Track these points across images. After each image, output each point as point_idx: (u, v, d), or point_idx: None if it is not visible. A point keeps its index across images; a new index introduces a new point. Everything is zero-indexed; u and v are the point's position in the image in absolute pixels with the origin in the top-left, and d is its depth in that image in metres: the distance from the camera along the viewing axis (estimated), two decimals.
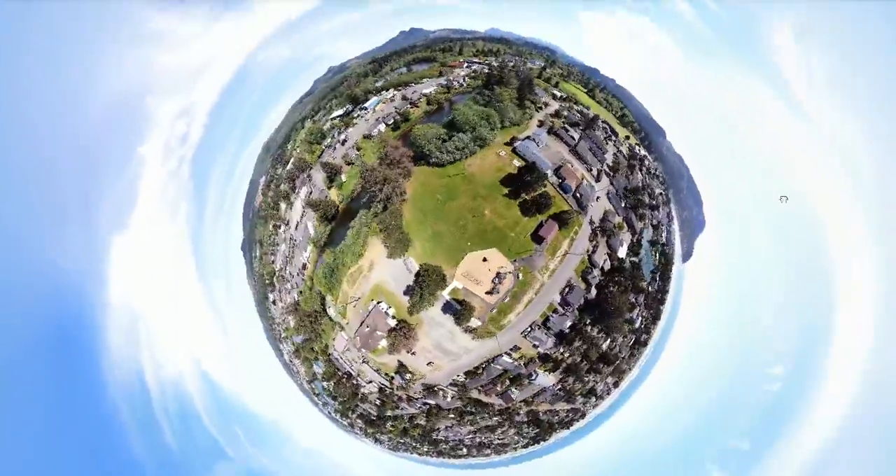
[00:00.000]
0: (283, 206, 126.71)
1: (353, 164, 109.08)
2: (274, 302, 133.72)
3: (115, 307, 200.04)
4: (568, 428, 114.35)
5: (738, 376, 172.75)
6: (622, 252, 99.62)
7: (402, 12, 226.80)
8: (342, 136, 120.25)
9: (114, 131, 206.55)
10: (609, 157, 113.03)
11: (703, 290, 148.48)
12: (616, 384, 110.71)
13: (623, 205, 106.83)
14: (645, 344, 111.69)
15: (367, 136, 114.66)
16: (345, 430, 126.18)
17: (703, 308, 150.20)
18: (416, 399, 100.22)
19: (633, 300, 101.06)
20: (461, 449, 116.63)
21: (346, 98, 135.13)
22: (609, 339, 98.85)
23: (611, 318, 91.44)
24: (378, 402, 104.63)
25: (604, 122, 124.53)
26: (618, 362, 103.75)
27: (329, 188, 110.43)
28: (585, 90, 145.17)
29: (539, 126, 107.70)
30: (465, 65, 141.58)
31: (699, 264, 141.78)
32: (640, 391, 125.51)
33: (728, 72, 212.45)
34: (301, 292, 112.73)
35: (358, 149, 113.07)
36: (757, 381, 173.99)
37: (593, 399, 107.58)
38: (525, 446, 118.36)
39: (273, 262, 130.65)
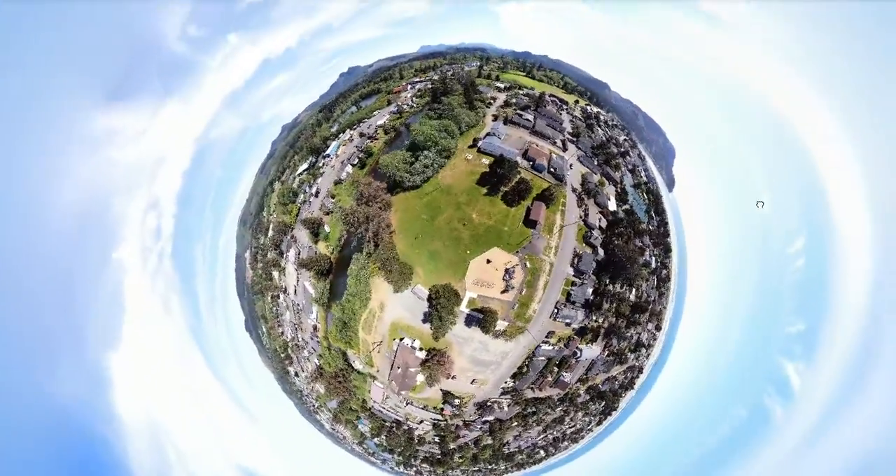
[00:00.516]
0: (275, 274, 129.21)
1: (332, 212, 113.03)
2: (296, 374, 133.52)
3: (131, 430, 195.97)
4: (632, 387, 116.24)
5: (765, 268, 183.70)
6: (612, 205, 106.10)
7: (334, 56, 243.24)
8: (314, 189, 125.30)
9: (84, 242, 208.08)
10: (567, 125, 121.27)
11: (698, 208, 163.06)
12: (658, 327, 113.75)
13: (596, 162, 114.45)
14: (668, 279, 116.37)
15: (338, 181, 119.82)
16: None
17: (705, 222, 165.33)
18: (474, 421, 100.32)
19: (640, 244, 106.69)
20: (538, 452, 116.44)
21: (306, 151, 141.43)
22: (634, 289, 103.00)
23: (627, 269, 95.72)
24: (437, 438, 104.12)
25: (551, 95, 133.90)
26: (651, 306, 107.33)
27: (316, 243, 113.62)
28: (524, 74, 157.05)
29: (494, 120, 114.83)
30: (409, 87, 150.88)
31: (685, 186, 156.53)
32: (683, 323, 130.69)
33: (637, 9, 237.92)
34: (321, 355, 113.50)
35: (332, 196, 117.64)
36: (783, 264, 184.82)
37: (643, 350, 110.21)
38: (599, 423, 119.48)
39: (282, 333, 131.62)
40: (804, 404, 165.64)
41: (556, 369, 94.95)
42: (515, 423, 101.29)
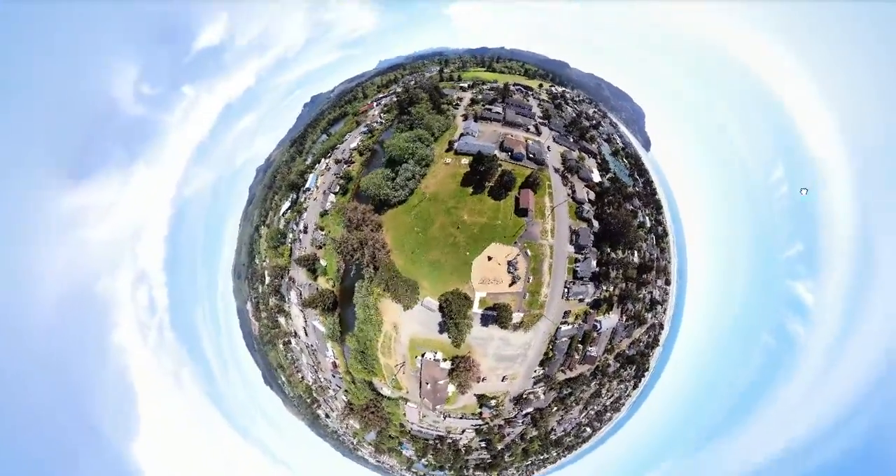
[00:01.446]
0: (281, 320, 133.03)
1: (324, 245, 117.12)
2: (326, 415, 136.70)
3: None
4: (658, 345, 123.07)
5: (753, 201, 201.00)
6: (596, 177, 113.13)
7: (294, 88, 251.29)
8: (301, 225, 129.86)
9: (77, 332, 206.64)
10: (537, 110, 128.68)
11: (678, 160, 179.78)
12: (668, 282, 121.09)
13: (572, 139, 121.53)
14: (665, 234, 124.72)
15: (324, 213, 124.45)
16: None
17: (686, 172, 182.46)
18: (515, 417, 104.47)
19: (631, 207, 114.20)
20: (584, 431, 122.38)
21: (285, 189, 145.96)
22: (636, 251, 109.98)
23: (624, 234, 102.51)
24: (483, 443, 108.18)
25: (515, 84, 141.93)
26: (656, 263, 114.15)
27: (315, 279, 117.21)
28: (485, 69, 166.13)
29: (465, 120, 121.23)
30: (375, 104, 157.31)
31: (661, 144, 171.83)
32: (689, 272, 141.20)
33: None
34: (347, 391, 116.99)
35: (321, 228, 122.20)
36: (768, 193, 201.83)
37: (659, 307, 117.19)
38: (635, 386, 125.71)
39: (303, 378, 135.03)
40: (822, 318, 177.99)
41: (580, 346, 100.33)
42: (555, 409, 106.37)
